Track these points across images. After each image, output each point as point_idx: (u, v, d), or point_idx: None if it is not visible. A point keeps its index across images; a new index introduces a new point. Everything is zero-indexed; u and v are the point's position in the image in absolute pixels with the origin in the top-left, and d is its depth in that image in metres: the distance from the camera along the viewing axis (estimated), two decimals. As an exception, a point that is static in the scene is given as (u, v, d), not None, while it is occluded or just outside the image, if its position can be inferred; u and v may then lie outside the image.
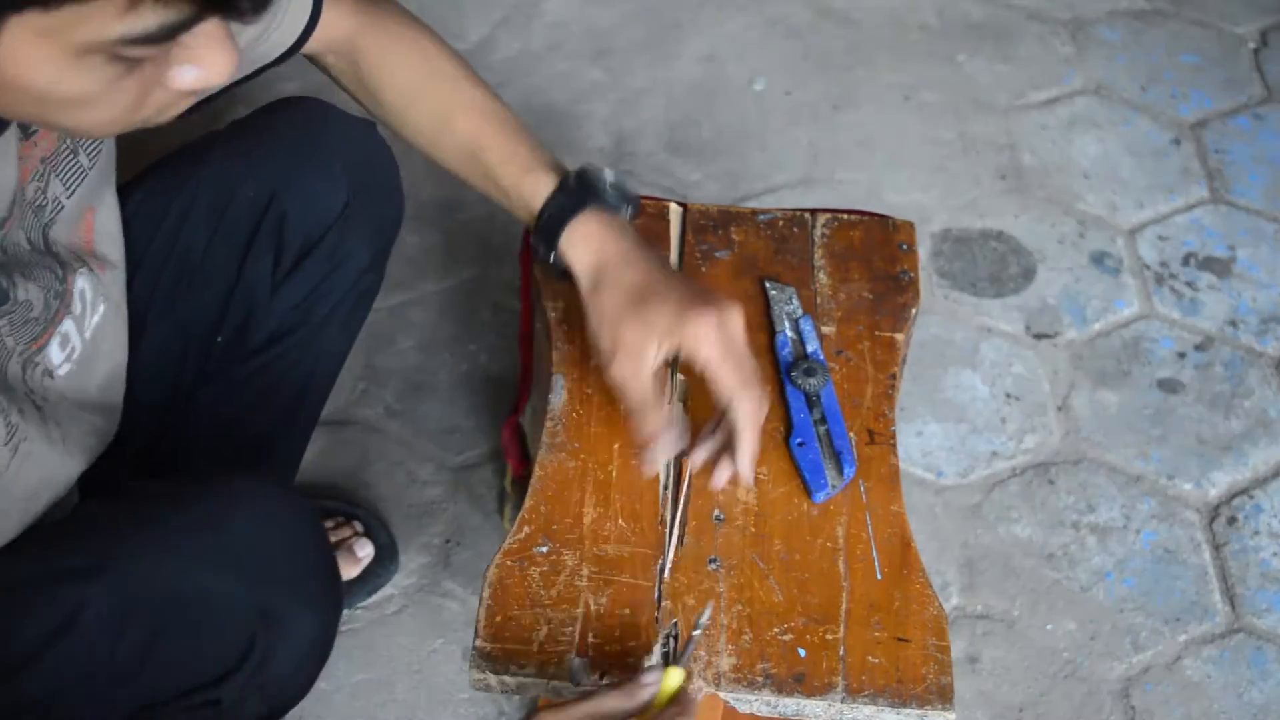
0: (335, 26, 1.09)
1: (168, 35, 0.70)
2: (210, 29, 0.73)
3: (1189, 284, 1.86)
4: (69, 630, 0.87)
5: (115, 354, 1.07)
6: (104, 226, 1.05)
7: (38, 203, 0.95)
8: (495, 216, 1.87)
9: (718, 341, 0.97)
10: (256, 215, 1.14)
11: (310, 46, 1.10)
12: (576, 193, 1.03)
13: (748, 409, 0.98)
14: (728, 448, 1.01)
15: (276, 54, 1.08)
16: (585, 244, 1.02)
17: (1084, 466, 1.65)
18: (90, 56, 0.70)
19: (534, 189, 1.05)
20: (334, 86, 1.15)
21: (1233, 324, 1.81)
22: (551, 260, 1.04)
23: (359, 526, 1.51)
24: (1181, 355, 1.77)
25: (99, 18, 0.68)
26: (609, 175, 1.05)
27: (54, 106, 0.74)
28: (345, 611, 1.47)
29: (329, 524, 1.51)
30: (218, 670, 0.93)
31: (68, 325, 0.98)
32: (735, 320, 0.99)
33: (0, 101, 0.74)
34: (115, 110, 0.76)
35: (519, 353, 1.37)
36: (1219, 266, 1.88)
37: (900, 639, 0.97)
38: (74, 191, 0.98)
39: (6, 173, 0.89)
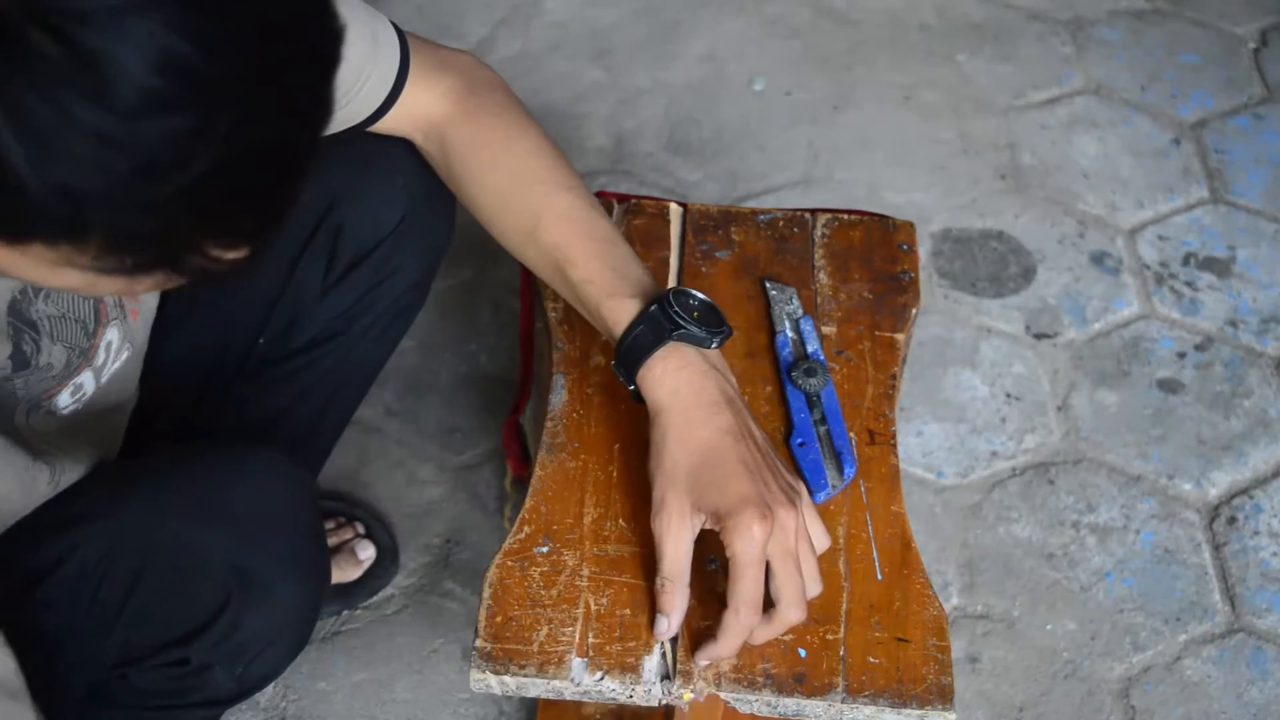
0: (425, 109, 1.05)
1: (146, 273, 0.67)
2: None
3: (1189, 284, 1.86)
4: (56, 570, 0.90)
5: (124, 394, 1.07)
6: None
7: None
8: (495, 216, 1.87)
9: (756, 551, 0.91)
10: (314, 220, 1.13)
11: (393, 124, 1.06)
12: (659, 323, 0.96)
13: (739, 625, 0.92)
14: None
15: (341, 128, 1.03)
16: (659, 385, 0.96)
17: (1084, 466, 1.65)
18: (68, 268, 0.66)
19: (615, 316, 0.98)
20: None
21: (1233, 324, 1.81)
22: (631, 389, 0.99)
23: (360, 528, 1.51)
24: (1181, 355, 1.77)
25: (64, 253, 0.65)
26: (697, 304, 0.98)
27: (44, 285, 0.74)
28: (345, 612, 1.47)
29: (330, 525, 1.51)
30: (189, 624, 0.94)
31: (85, 376, 0.98)
32: (786, 524, 0.92)
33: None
34: (115, 291, 0.74)
35: (519, 353, 1.37)
36: (1219, 266, 1.88)
37: (900, 639, 0.97)
38: None
39: None
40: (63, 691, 0.94)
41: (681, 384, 0.95)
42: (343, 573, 1.47)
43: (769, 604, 0.93)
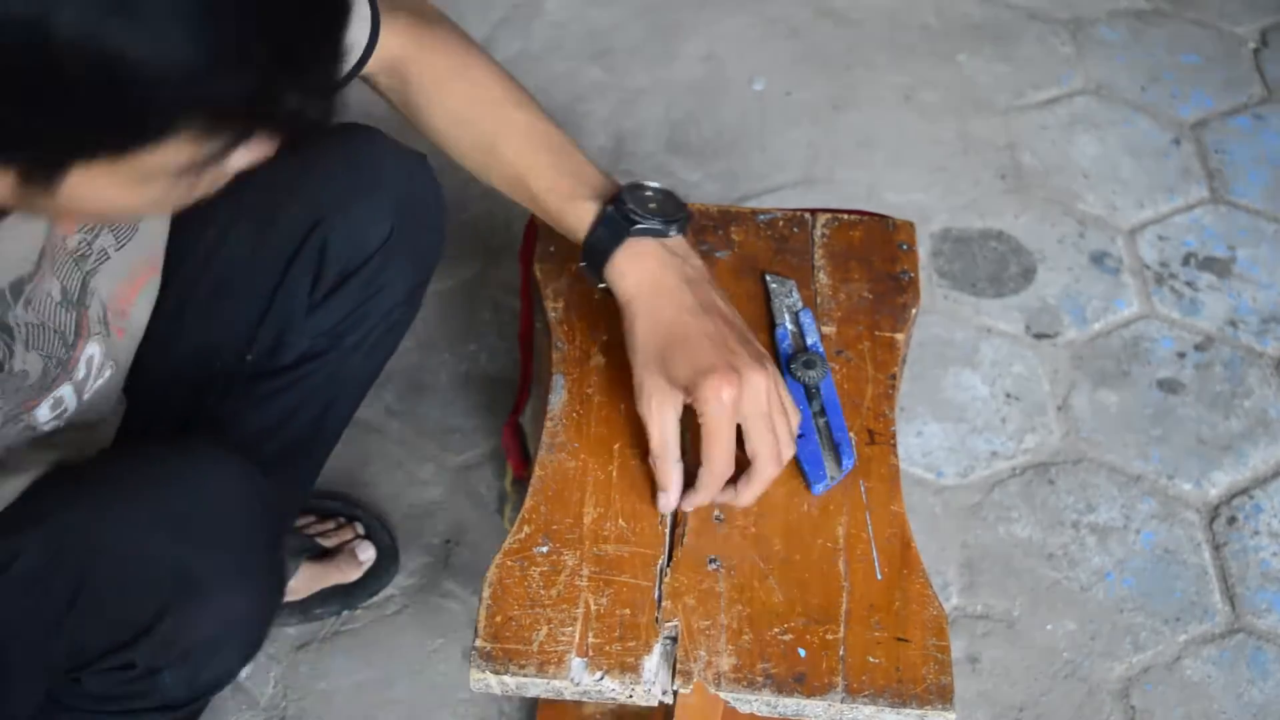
0: (387, 48, 1.08)
1: (229, 151, 0.73)
2: None
3: (1189, 284, 1.86)
4: (1, 573, 0.89)
5: (105, 411, 1.06)
6: (150, 291, 1.05)
7: (81, 252, 0.95)
8: (495, 216, 1.87)
9: (727, 413, 0.97)
10: (299, 237, 1.13)
11: (367, 68, 1.09)
12: (617, 222, 1.02)
13: (758, 471, 0.99)
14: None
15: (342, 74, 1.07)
16: (624, 278, 1.02)
17: (1084, 466, 1.65)
18: (155, 179, 0.73)
19: (577, 219, 1.04)
20: (385, 113, 1.14)
21: (1233, 324, 1.81)
22: (602, 287, 1.05)
23: (360, 528, 1.51)
24: (1181, 355, 1.77)
25: (167, 153, 0.71)
26: (653, 195, 1.04)
27: (114, 216, 0.79)
28: (345, 612, 1.47)
29: (330, 525, 1.51)
30: (133, 627, 0.93)
31: (65, 389, 0.98)
32: (755, 384, 0.98)
33: (51, 214, 0.77)
34: (170, 204, 0.79)
35: (519, 353, 1.37)
36: (1219, 266, 1.88)
37: (900, 639, 0.97)
38: (124, 245, 0.99)
39: (31, 231, 0.89)
40: (16, 695, 0.93)
41: (643, 275, 1.02)
42: (343, 573, 1.47)
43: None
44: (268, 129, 0.74)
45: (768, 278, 1.19)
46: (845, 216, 1.27)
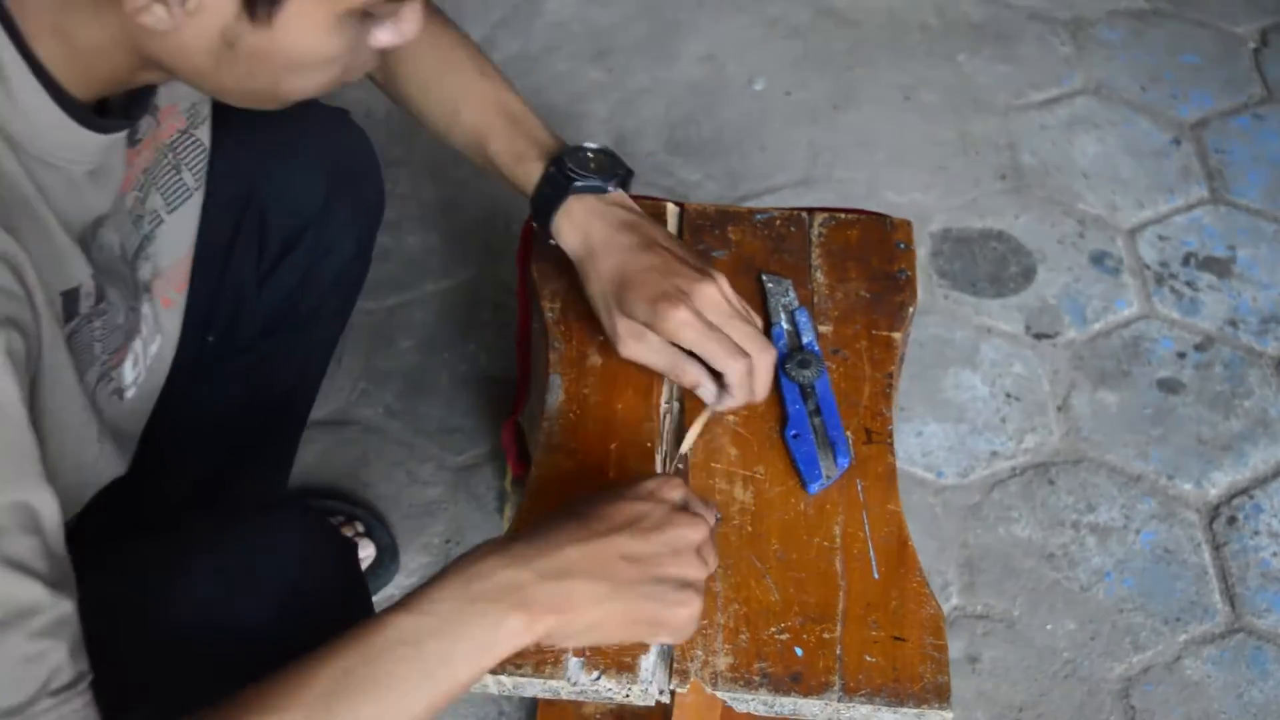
0: None
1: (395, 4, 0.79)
2: None
3: (1189, 284, 1.86)
4: None
5: (154, 391, 1.06)
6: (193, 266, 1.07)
7: (136, 213, 0.96)
8: (495, 217, 1.87)
9: (692, 326, 1.02)
10: (236, 213, 1.14)
11: None
12: (558, 181, 1.08)
13: (736, 372, 1.03)
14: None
15: None
16: (571, 232, 1.08)
17: (1084, 466, 1.65)
18: (347, 19, 0.78)
19: (526, 178, 1.10)
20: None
21: (1233, 324, 1.81)
22: (553, 244, 1.10)
23: (360, 527, 1.52)
24: (1181, 355, 1.77)
25: None
26: (593, 155, 1.10)
27: (293, 73, 0.80)
28: (344, 611, 1.47)
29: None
30: None
31: (138, 345, 0.98)
32: (708, 297, 1.03)
33: (238, 73, 0.79)
34: (336, 71, 0.83)
35: (518, 353, 1.37)
36: (1219, 266, 1.88)
37: (897, 638, 0.97)
38: (175, 209, 1.01)
39: (115, 171, 0.91)
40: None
41: (585, 228, 1.07)
42: (342, 573, 1.47)
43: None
44: None
45: (764, 277, 1.19)
46: (842, 215, 1.27)
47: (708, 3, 2.25)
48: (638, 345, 1.05)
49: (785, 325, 1.15)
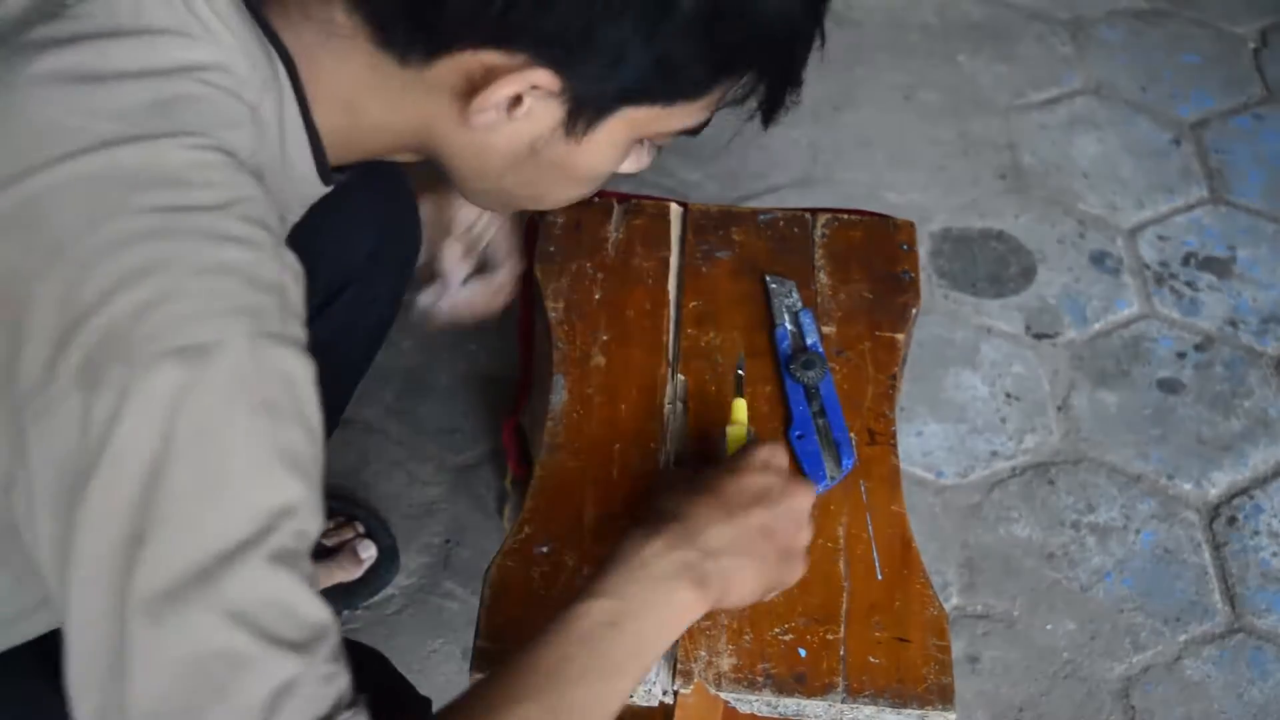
0: None
1: (700, 130, 0.85)
2: None
3: (1189, 284, 1.86)
4: None
5: None
6: None
7: None
8: (495, 216, 1.87)
9: (431, 226, 1.11)
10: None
11: None
12: None
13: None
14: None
15: None
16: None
17: (1084, 466, 1.65)
18: (637, 145, 0.84)
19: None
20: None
21: (1233, 324, 1.81)
22: None
23: (360, 528, 1.52)
24: (1181, 355, 1.77)
25: (689, 113, 0.82)
26: None
27: (569, 184, 0.85)
28: (346, 612, 1.47)
29: (330, 525, 1.51)
30: None
31: None
32: (443, 211, 1.11)
33: (522, 179, 0.83)
34: (587, 191, 0.88)
35: (519, 353, 1.37)
36: (1219, 266, 1.88)
37: (901, 639, 0.97)
38: None
39: None
40: None
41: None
42: (345, 571, 1.47)
43: None
44: (772, 102, 0.85)
45: (768, 278, 1.19)
46: (845, 216, 1.27)
47: (707, 2, 2.25)
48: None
49: (790, 326, 1.15)
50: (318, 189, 0.85)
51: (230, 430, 0.66)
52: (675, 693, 0.94)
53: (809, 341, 1.13)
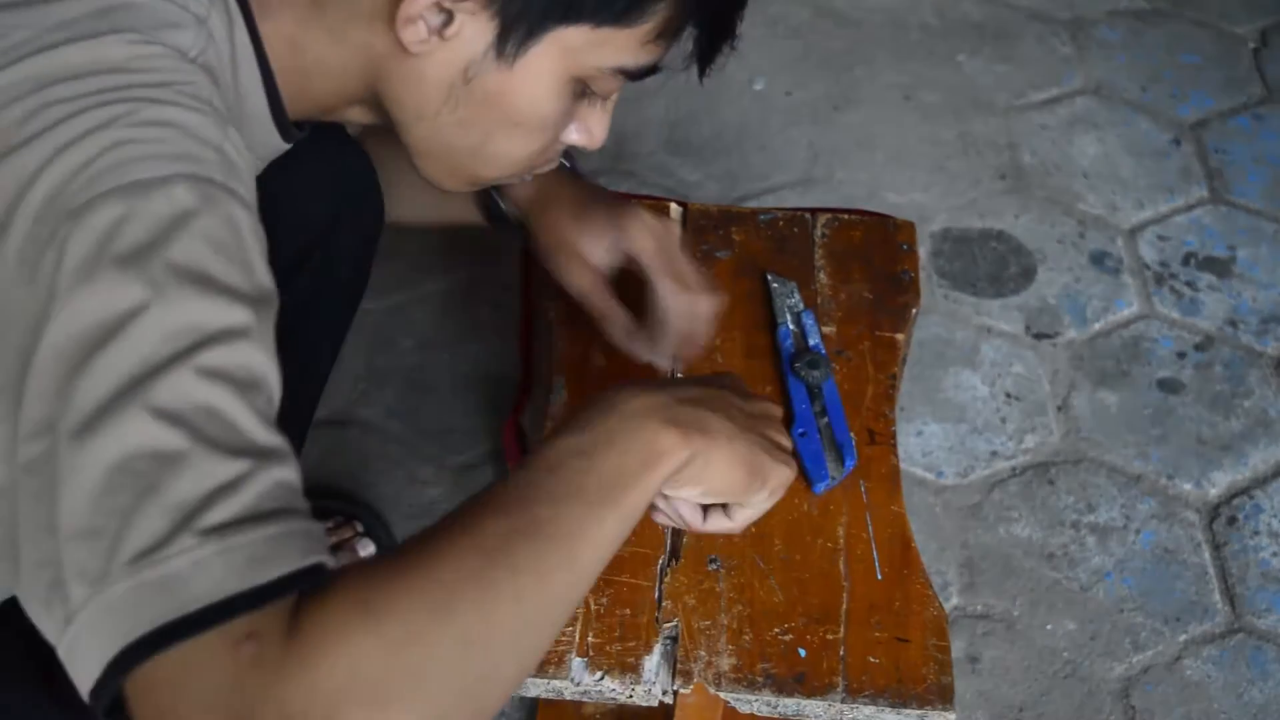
0: None
1: (640, 76, 0.85)
2: (612, 98, 0.87)
3: (1189, 284, 1.86)
4: None
5: None
6: None
7: None
8: (495, 216, 1.87)
9: (653, 235, 1.06)
10: None
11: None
12: None
13: (675, 303, 1.05)
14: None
15: None
16: (519, 190, 1.11)
17: (1084, 466, 1.65)
18: (569, 85, 0.83)
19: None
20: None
21: (1233, 324, 1.81)
22: (506, 209, 1.13)
23: (359, 527, 1.51)
24: (1181, 355, 1.77)
25: (621, 44, 0.82)
26: None
27: (506, 131, 0.84)
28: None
29: (328, 524, 1.51)
30: None
31: None
32: (670, 224, 1.08)
33: (459, 117, 0.83)
34: (537, 145, 0.87)
35: (519, 353, 1.37)
36: (1219, 266, 1.88)
37: (900, 639, 0.97)
38: None
39: None
40: None
41: (537, 184, 1.11)
42: (343, 572, 1.47)
43: None
44: (703, 36, 0.85)
45: (769, 278, 1.19)
46: (846, 217, 1.27)
47: (707, 2, 2.25)
48: (581, 268, 1.07)
49: (791, 326, 1.15)
50: (273, 138, 0.86)
51: (165, 249, 0.65)
52: (675, 693, 0.94)
53: (811, 342, 1.13)
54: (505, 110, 0.82)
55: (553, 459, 0.75)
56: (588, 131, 0.89)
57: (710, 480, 0.82)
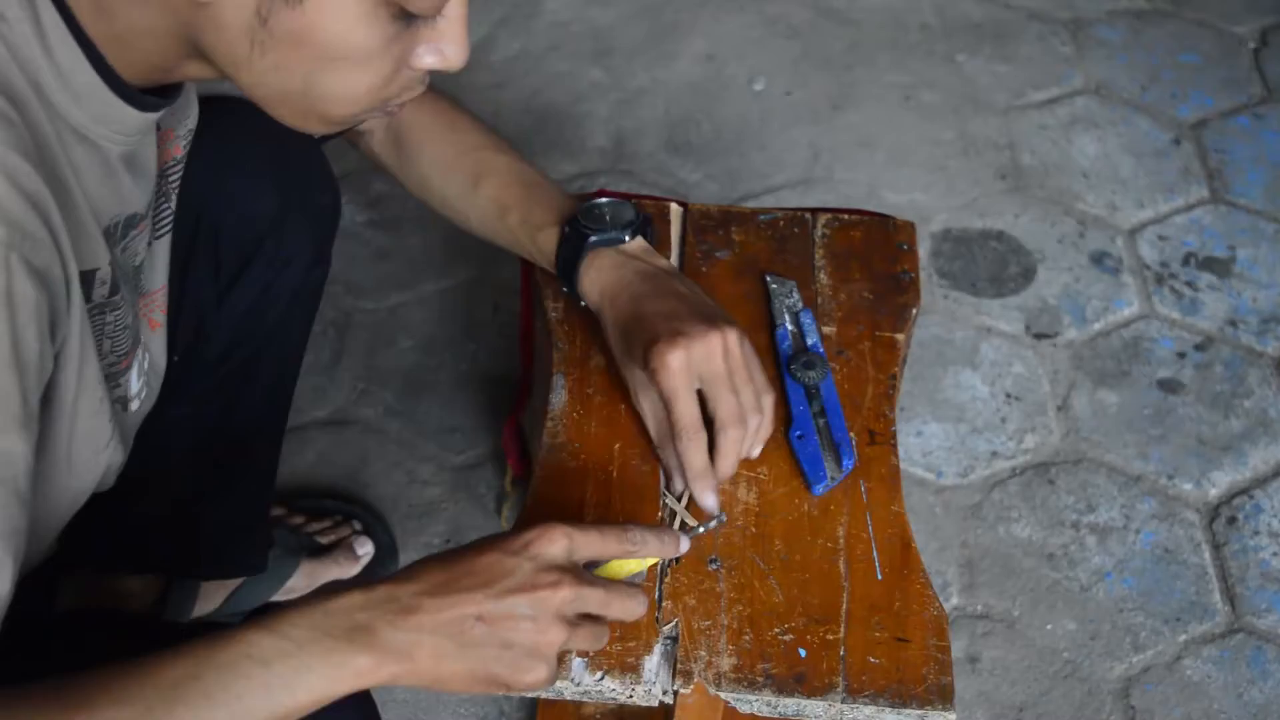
0: None
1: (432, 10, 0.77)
2: (456, 13, 0.79)
3: (1189, 284, 1.86)
4: None
5: (148, 410, 1.04)
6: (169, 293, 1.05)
7: (153, 215, 0.94)
8: (495, 216, 1.87)
9: (677, 374, 0.98)
10: (188, 230, 1.10)
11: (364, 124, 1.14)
12: (574, 239, 1.08)
13: (721, 436, 1.00)
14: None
15: None
16: (590, 291, 1.08)
17: (1084, 466, 1.65)
18: (378, 9, 0.75)
19: (546, 244, 1.11)
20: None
21: (1233, 324, 1.81)
22: (576, 296, 1.11)
23: (358, 525, 1.52)
24: (1181, 355, 1.77)
25: None
26: (604, 208, 1.10)
27: (325, 69, 0.78)
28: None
29: (327, 523, 1.51)
30: None
31: (140, 353, 0.96)
32: (706, 344, 0.99)
33: (271, 61, 0.77)
34: (374, 78, 0.80)
35: (519, 352, 1.37)
36: (1219, 266, 1.88)
37: (901, 639, 0.97)
38: (160, 236, 0.98)
39: (147, 168, 0.89)
40: None
41: (602, 281, 1.07)
42: (341, 568, 1.47)
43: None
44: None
45: (768, 278, 1.19)
46: (846, 216, 1.27)
47: (708, 3, 2.25)
48: (640, 396, 1.05)
49: (790, 326, 1.15)
50: (123, 111, 0.81)
51: None
52: (675, 693, 0.94)
53: (810, 342, 1.13)
54: (315, 48, 0.77)
55: (229, 657, 0.74)
56: (439, 52, 0.80)
57: (430, 686, 0.81)
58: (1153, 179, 2.00)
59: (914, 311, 1.19)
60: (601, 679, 0.94)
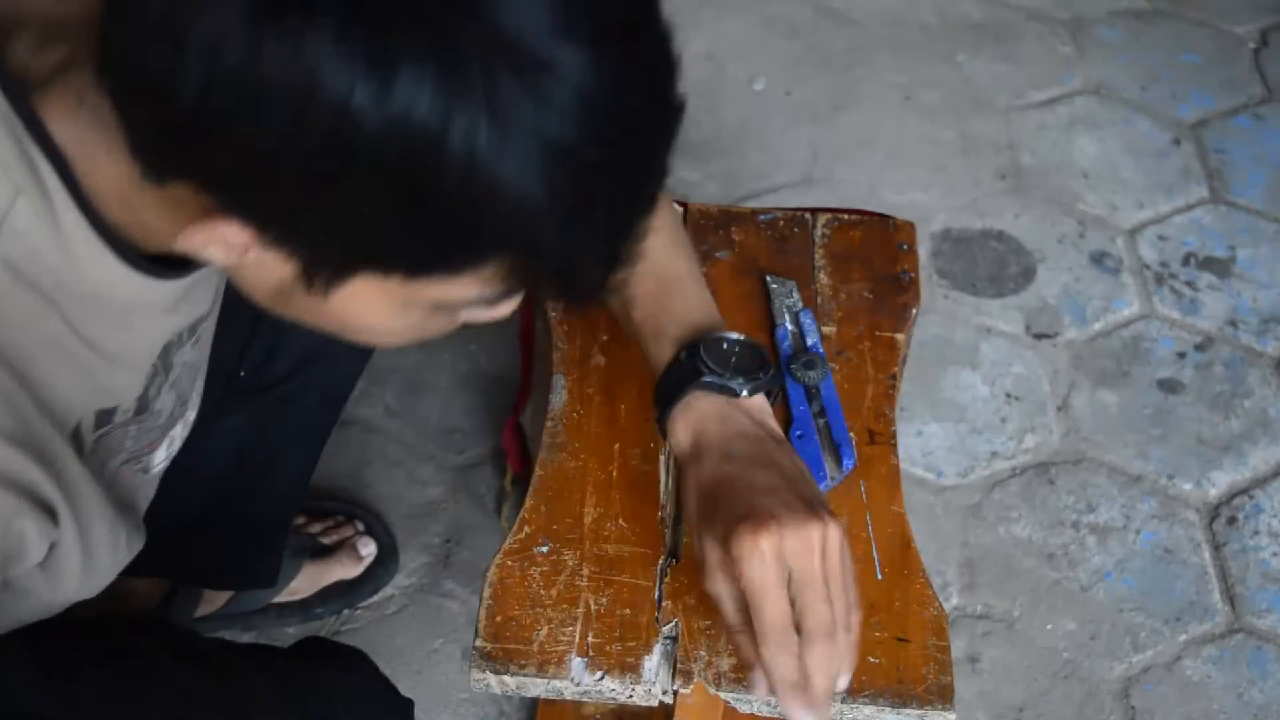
0: None
1: (494, 303, 0.72)
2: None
3: (1189, 284, 1.86)
4: None
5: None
6: None
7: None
8: (495, 216, 1.87)
9: (762, 565, 0.82)
10: None
11: None
12: (685, 372, 0.94)
13: (778, 670, 0.83)
14: None
15: None
16: (683, 429, 0.93)
17: (1084, 466, 1.65)
18: (418, 308, 0.71)
19: (657, 357, 0.97)
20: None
21: (1233, 324, 1.81)
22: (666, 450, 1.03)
23: (359, 526, 1.52)
24: (1181, 355, 1.77)
25: (457, 285, 0.67)
26: (733, 347, 0.95)
27: (354, 335, 0.75)
28: (346, 611, 1.47)
29: (328, 523, 1.51)
30: None
31: (178, 429, 0.93)
32: (803, 535, 0.83)
33: (297, 316, 0.73)
34: (406, 338, 0.76)
35: (519, 352, 1.37)
36: (1219, 266, 1.88)
37: (900, 639, 0.97)
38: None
39: (198, 295, 0.84)
40: None
41: (698, 428, 0.92)
42: (344, 568, 1.47)
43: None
44: (554, 287, 0.71)
45: (768, 278, 1.19)
46: (846, 216, 1.27)
47: (708, 3, 2.25)
48: (715, 575, 0.86)
49: (790, 326, 1.15)
50: (150, 286, 0.76)
51: None
52: (675, 693, 0.94)
53: (810, 342, 1.13)
54: (339, 326, 0.73)
55: None
56: (490, 316, 0.75)
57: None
58: (1153, 179, 2.00)
59: (914, 311, 1.19)
60: (601, 679, 0.94)
